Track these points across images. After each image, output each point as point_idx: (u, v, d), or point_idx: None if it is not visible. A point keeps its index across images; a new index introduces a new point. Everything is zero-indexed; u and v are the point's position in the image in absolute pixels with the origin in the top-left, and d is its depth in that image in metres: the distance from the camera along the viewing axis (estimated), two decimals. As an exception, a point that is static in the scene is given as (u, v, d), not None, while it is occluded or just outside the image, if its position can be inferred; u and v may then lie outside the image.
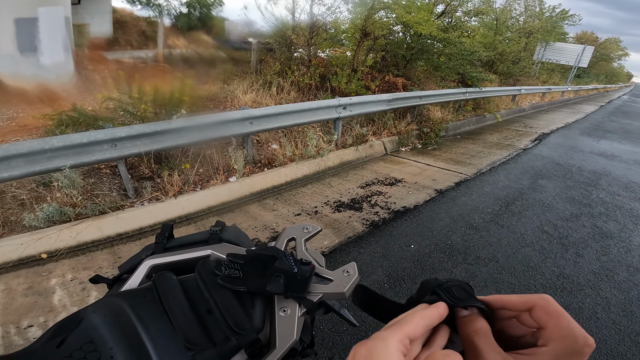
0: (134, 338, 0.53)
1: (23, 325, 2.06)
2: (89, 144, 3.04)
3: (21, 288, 2.37)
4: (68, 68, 6.35)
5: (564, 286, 2.58)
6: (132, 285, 0.69)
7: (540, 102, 14.12)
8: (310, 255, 0.79)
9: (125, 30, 9.12)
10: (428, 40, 8.03)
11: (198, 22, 12.56)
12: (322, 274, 0.71)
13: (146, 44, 8.95)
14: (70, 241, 2.82)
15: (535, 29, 16.45)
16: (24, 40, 5.64)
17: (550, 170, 5.27)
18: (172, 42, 9.83)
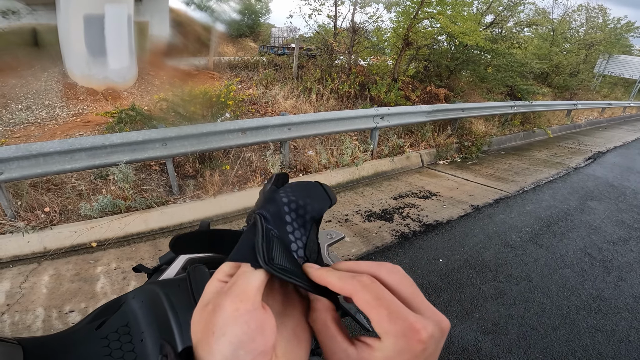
0: (164, 324, 0.56)
1: (65, 310, 2.21)
2: (144, 142, 3.33)
3: (69, 274, 2.57)
4: (133, 72, 6.94)
5: (600, 308, 2.45)
6: (169, 275, 0.76)
7: (599, 118, 13.12)
8: (332, 260, 0.87)
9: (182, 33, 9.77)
10: (474, 50, 7.82)
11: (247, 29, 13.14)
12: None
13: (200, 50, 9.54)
14: (118, 232, 3.07)
15: (597, 41, 15.44)
16: (93, 40, 6.15)
17: (602, 192, 4.91)
18: (221, 49, 10.40)
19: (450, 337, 2.13)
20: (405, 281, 0.29)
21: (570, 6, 15.37)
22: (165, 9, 8.94)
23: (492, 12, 8.36)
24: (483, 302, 2.45)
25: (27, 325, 2.09)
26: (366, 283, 0.27)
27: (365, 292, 0.27)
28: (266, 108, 6.18)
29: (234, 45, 12.05)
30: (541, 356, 2.02)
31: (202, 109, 4.25)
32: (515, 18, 8.75)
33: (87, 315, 0.66)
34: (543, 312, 2.38)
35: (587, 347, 2.10)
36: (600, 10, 16.70)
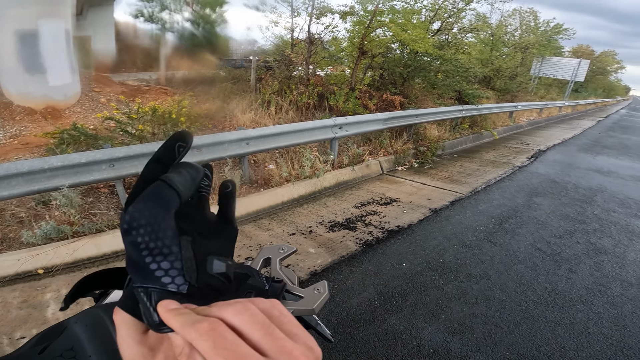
0: (110, 347, 0.54)
1: (16, 337, 2.10)
2: (88, 163, 3.12)
3: (16, 301, 2.42)
4: (75, 89, 6.51)
5: (556, 302, 2.60)
6: (114, 298, 0.72)
7: (538, 118, 14.24)
8: (284, 273, 0.85)
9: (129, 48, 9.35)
10: (425, 57, 8.19)
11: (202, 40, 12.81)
12: (294, 291, 0.77)
13: (149, 64, 9.17)
14: (66, 257, 2.87)
15: (530, 44, 16.63)
16: (28, 56, 5.75)
17: (546, 188, 5.30)
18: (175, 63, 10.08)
19: (420, 339, 2.16)
20: (255, 320, 0.26)
21: (505, 11, 16.47)
22: (110, 22, 8.54)
23: (439, 19, 8.81)
24: (447, 302, 2.52)
25: (-23, 353, 1.90)
26: (204, 330, 0.24)
27: (202, 340, 0.24)
28: (224, 123, 6.04)
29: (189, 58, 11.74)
30: (508, 353, 2.09)
31: (153, 127, 4.06)
32: (459, 24, 9.30)
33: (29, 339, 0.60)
34: (504, 309, 2.48)
35: (549, 342, 2.19)
36: (532, 13, 17.98)
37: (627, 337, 2.27)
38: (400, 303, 2.49)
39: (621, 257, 3.33)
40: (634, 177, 6.35)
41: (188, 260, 0.30)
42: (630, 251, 3.46)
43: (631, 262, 3.25)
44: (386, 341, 2.15)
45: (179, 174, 0.30)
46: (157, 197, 0.29)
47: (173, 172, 0.31)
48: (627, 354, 2.13)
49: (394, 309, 2.43)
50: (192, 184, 0.31)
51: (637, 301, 2.67)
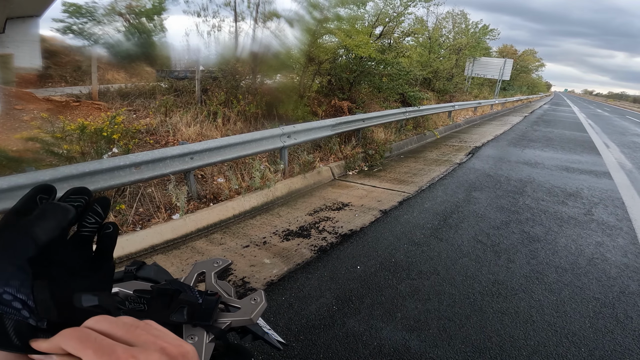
0: None
1: None
2: (10, 189, 2.80)
3: None
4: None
5: (500, 292, 2.76)
6: None
7: (473, 117, 15.37)
8: (219, 286, 0.85)
9: (57, 63, 8.62)
10: (369, 62, 8.45)
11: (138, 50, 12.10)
12: (230, 302, 0.77)
13: (80, 79, 8.51)
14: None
15: (463, 45, 17.76)
16: None
17: (482, 182, 5.73)
18: (111, 76, 9.45)
19: (380, 340, 2.20)
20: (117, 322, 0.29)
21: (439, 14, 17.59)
22: (34, 38, 7.83)
23: (381, 24, 9.15)
24: (402, 301, 2.60)
25: None
26: (67, 333, 0.27)
27: (67, 340, 0.27)
28: (167, 137, 5.76)
29: (126, 71, 11.05)
30: (463, 346, 2.17)
31: (82, 146, 3.75)
32: (399, 28, 9.73)
33: None
34: (455, 303, 2.59)
35: (499, 332, 2.30)
36: (462, 15, 19.20)
37: (569, 324, 2.40)
38: (357, 305, 2.53)
39: (553, 244, 3.63)
40: (558, 167, 7.09)
41: (41, 302, 0.30)
42: (561, 237, 3.79)
43: (562, 248, 3.54)
44: (347, 344, 2.17)
45: (42, 219, 0.31)
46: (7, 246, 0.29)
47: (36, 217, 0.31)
48: (572, 340, 2.25)
49: (352, 312, 2.46)
50: (56, 227, 0.31)
51: (573, 287, 2.87)
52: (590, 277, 3.05)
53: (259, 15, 7.60)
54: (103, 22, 8.71)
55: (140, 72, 10.37)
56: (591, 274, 3.11)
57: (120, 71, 10.15)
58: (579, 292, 2.82)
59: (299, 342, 2.18)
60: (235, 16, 7.69)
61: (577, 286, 2.90)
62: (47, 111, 4.71)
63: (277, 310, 2.46)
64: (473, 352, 2.15)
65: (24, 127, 5.78)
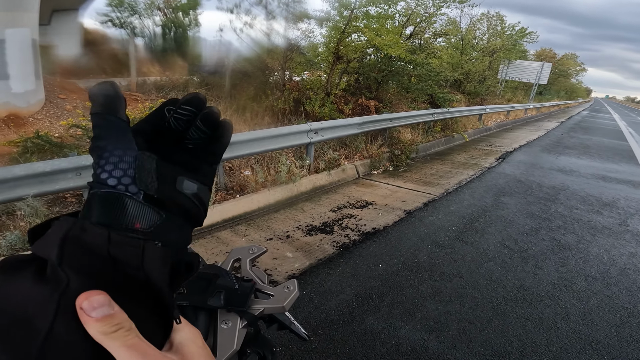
0: None
1: None
2: (53, 172, 2.99)
3: None
4: (39, 96, 6.25)
5: (525, 298, 2.71)
6: None
7: (505, 121, 14.85)
8: (254, 273, 0.87)
9: (97, 54, 9.06)
10: (398, 62, 8.36)
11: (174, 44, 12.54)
12: (264, 290, 0.79)
13: (119, 71, 8.90)
14: None
15: (497, 48, 17.11)
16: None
17: (512, 188, 5.55)
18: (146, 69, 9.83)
19: (398, 339, 2.20)
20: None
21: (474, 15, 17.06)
22: (75, 30, 8.28)
23: (412, 24, 9.03)
24: (423, 301, 2.59)
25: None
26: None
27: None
28: (197, 129, 5.93)
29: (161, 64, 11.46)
30: (482, 349, 2.15)
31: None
32: (430, 29, 9.56)
33: None
34: (477, 306, 2.56)
35: (520, 337, 2.27)
36: (498, 17, 18.47)
37: (594, 332, 2.36)
38: (377, 303, 2.54)
39: (584, 253, 3.51)
40: (594, 176, 6.75)
41: (145, 171, 0.29)
42: (593, 246, 3.66)
43: (594, 257, 3.42)
44: (365, 341, 2.18)
45: None
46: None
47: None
48: (595, 348, 2.21)
49: (371, 310, 2.47)
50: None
51: (602, 295, 2.80)
52: (621, 286, 2.95)
53: (289, 14, 7.70)
54: (143, 15, 9.09)
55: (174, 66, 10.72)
56: (622, 283, 3.00)
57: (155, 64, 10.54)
58: (608, 301, 2.73)
59: (317, 336, 2.21)
60: (267, 14, 7.83)
61: (606, 295, 2.81)
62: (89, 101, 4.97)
63: (297, 304, 2.51)
64: (492, 355, 2.12)
65: (67, 116, 6.14)
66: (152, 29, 10.09)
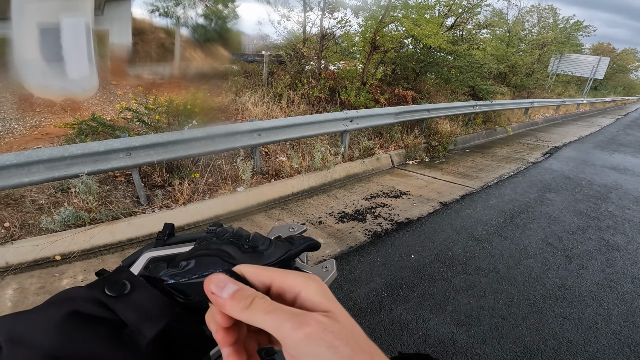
0: None
1: None
2: (106, 152, 3.21)
3: (34, 287, 2.47)
4: (93, 82, 6.68)
5: (565, 297, 2.58)
6: None
7: (554, 115, 13.93)
8: None
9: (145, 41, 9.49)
10: (438, 53, 8.10)
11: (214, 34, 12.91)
12: (302, 268, 0.77)
13: (164, 57, 9.29)
14: (83, 244, 2.95)
15: (548, 41, 16.26)
16: (49, 50, 5.91)
17: (560, 184, 5.22)
18: (189, 55, 10.18)
19: (426, 330, 2.18)
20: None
21: (522, 7, 16.12)
22: (127, 17, 8.68)
23: (453, 15, 8.69)
24: (455, 294, 2.53)
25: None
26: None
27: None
28: (236, 115, 6.12)
29: (203, 52, 11.85)
30: (514, 346, 2.09)
31: (168, 117, 4.15)
32: (474, 20, 9.14)
33: None
34: (512, 303, 2.47)
35: (556, 336, 2.18)
36: (551, 10, 17.50)
37: (635, 334, 2.24)
38: (407, 294, 2.52)
39: (634, 254, 3.26)
40: (652, 175, 6.18)
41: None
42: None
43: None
44: (392, 331, 2.17)
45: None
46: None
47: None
48: (634, 350, 2.11)
49: (401, 300, 2.45)
50: None
51: None
52: (672, 290, 2.73)
53: (326, 5, 7.65)
54: (186, 5, 9.41)
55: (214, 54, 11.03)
56: (673, 287, 2.76)
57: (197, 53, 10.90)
58: (654, 304, 2.55)
59: None
60: (304, 6, 7.81)
61: (653, 297, 2.62)
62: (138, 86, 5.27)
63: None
64: (524, 352, 2.05)
65: (118, 100, 6.54)
66: (195, 19, 10.42)
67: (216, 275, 0.26)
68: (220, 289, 0.25)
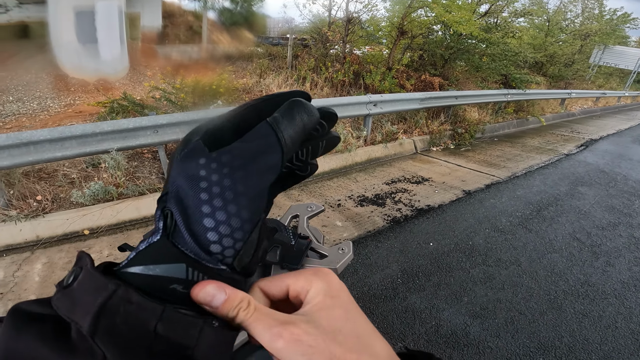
0: None
1: None
2: (135, 129, 3.31)
3: (62, 262, 2.55)
4: (124, 62, 6.87)
5: (587, 294, 2.49)
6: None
7: (593, 107, 13.17)
8: (310, 231, 0.86)
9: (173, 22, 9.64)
10: (469, 40, 7.80)
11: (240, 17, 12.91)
12: (319, 249, 0.77)
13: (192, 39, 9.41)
14: (110, 219, 3.05)
15: (592, 32, 15.47)
16: (84, 33, 6.12)
17: (593, 178, 4.96)
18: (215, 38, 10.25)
19: (439, 320, 2.15)
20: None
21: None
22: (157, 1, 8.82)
23: (487, 2, 8.32)
24: (472, 286, 2.48)
25: (19, 315, 2.09)
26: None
27: None
28: (260, 96, 6.14)
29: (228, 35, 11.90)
30: (528, 340, 2.05)
31: (194, 97, 4.23)
32: (510, 8, 8.73)
33: None
34: (531, 297, 2.41)
35: (573, 333, 2.12)
36: (597, 1, 16.70)
37: None
38: (423, 282, 2.49)
39: (667, 254, 3.08)
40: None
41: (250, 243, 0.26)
42: (679, 248, 3.19)
43: (678, 260, 3.00)
44: (405, 319, 2.15)
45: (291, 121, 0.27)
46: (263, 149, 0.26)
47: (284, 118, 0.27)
48: None
49: (416, 288, 2.43)
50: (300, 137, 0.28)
51: None
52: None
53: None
54: (213, -11, 9.41)
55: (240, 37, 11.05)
56: None
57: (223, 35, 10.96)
58: (679, 306, 2.42)
59: None
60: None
61: (679, 299, 2.49)
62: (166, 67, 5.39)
63: (341, 274, 2.53)
64: (537, 348, 2.00)
65: (147, 80, 6.70)
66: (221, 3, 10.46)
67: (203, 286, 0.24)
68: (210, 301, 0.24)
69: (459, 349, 1.98)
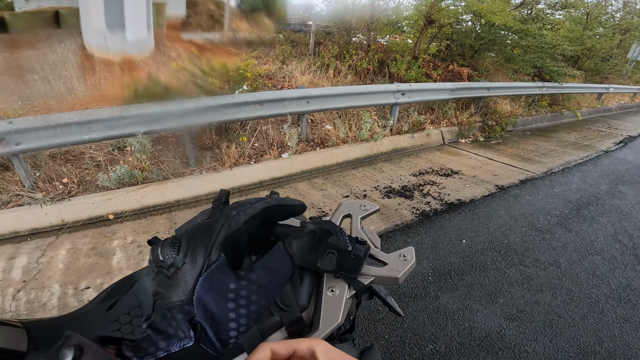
0: None
1: (81, 287, 2.15)
2: (161, 113, 3.28)
3: (86, 248, 2.52)
4: (149, 45, 6.93)
5: (629, 298, 2.32)
6: None
7: (630, 103, 12.59)
8: (366, 234, 0.76)
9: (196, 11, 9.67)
10: (501, 31, 7.45)
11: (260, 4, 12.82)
12: (377, 255, 0.67)
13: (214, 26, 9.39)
14: (135, 204, 3.03)
15: (633, 27, 14.75)
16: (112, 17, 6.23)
17: (634, 177, 4.65)
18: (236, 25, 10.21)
19: (472, 322, 2.03)
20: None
21: None
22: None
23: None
24: (508, 287, 2.34)
25: (43, 303, 2.03)
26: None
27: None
28: (283, 83, 6.03)
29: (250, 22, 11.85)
30: (567, 345, 1.92)
31: (220, 81, 4.16)
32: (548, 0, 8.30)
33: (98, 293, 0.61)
34: (571, 300, 2.26)
35: (614, 338, 1.99)
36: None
37: None
38: (455, 281, 2.35)
39: None
40: None
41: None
42: None
43: None
44: (436, 320, 2.04)
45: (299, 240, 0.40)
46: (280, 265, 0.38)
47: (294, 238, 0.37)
48: None
49: (448, 287, 2.30)
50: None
51: None
52: None
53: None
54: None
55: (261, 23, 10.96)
56: None
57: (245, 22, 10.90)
58: None
59: (385, 307, 2.12)
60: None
61: None
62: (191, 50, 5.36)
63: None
64: (577, 352, 1.88)
65: (173, 60, 6.70)
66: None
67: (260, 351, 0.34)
68: None
69: (493, 353, 1.86)
